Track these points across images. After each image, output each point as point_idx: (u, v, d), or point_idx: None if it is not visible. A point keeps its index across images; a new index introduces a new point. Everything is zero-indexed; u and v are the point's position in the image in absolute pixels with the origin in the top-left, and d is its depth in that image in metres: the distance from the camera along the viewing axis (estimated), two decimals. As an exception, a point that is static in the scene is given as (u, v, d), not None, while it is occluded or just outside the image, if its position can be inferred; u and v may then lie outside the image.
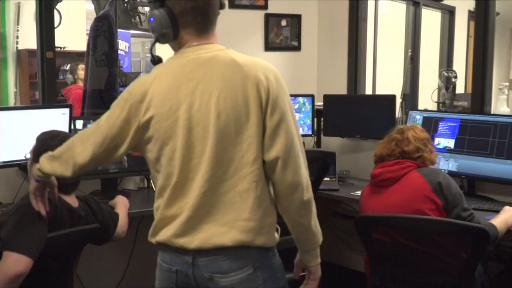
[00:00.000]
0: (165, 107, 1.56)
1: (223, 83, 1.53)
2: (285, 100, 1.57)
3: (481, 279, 2.49)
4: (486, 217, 2.57)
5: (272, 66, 1.62)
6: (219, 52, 1.60)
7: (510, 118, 3.12)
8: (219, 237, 1.54)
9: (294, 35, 4.24)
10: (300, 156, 1.57)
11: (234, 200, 1.55)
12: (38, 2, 3.32)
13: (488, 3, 3.33)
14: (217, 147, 1.53)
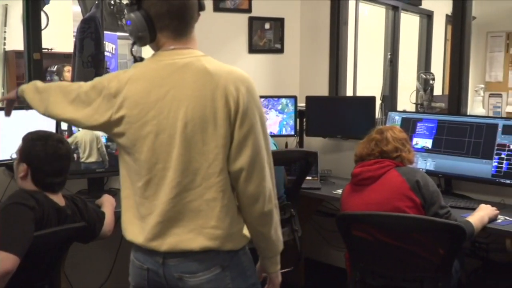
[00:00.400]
0: (135, 110, 1.56)
1: (192, 92, 1.52)
2: (256, 112, 1.55)
3: (458, 274, 2.50)
4: (462, 215, 2.58)
5: (247, 77, 1.58)
6: (193, 59, 1.57)
7: (486, 119, 3.15)
8: (187, 243, 1.55)
9: (277, 38, 4.24)
10: (265, 168, 1.56)
11: (201, 208, 1.54)
12: (25, 4, 3.28)
13: (465, 7, 3.35)
14: (184, 156, 1.52)
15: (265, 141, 1.57)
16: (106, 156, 3.10)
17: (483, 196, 3.07)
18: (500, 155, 2.95)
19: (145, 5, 1.55)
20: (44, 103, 1.77)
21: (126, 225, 1.66)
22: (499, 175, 2.94)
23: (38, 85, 1.83)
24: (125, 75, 1.61)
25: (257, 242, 1.66)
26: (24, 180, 2.19)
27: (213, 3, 3.92)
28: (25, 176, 2.18)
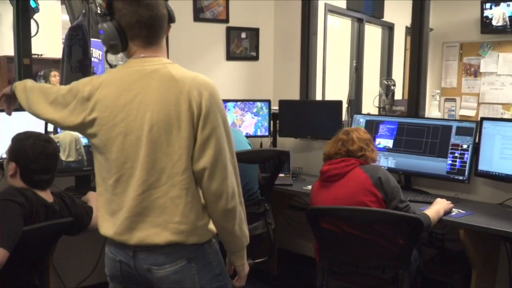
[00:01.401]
0: (106, 113, 1.56)
1: (157, 97, 1.51)
2: (218, 115, 1.53)
3: (416, 262, 2.53)
4: (420, 208, 2.61)
5: (210, 83, 1.56)
6: (160, 66, 1.56)
7: (441, 121, 3.19)
8: (153, 237, 1.54)
9: (253, 46, 4.24)
10: (227, 168, 1.55)
11: (167, 205, 1.53)
12: (15, 12, 3.23)
13: (423, 20, 3.39)
14: (149, 156, 1.52)
15: (227, 142, 1.56)
16: (85, 156, 3.08)
17: (438, 191, 3.10)
18: (454, 154, 2.98)
19: (116, 16, 1.55)
20: (29, 101, 1.78)
21: (100, 220, 1.66)
22: (453, 172, 2.98)
23: (27, 84, 1.82)
24: (98, 80, 1.60)
25: (222, 237, 1.65)
26: (14, 178, 2.16)
27: (193, 13, 3.91)
28: (14, 174, 2.15)
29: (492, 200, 2.96)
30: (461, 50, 6.26)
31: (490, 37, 5.97)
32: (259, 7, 4.25)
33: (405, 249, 2.27)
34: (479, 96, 6.13)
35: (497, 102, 5.97)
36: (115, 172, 1.57)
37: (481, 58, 6.09)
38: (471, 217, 2.61)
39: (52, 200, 2.20)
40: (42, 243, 2.20)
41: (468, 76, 6.23)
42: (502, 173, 2.78)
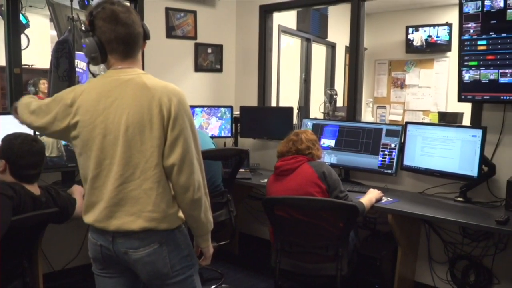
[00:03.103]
0: (87, 116, 1.54)
1: (132, 102, 1.49)
2: (185, 119, 1.52)
3: (353, 241, 2.56)
4: (357, 197, 2.64)
5: (179, 90, 1.55)
6: (135, 76, 1.54)
7: (373, 124, 3.24)
8: (129, 224, 1.52)
9: (218, 60, 4.21)
10: (194, 164, 1.53)
11: (140, 196, 1.52)
12: (6, 27, 3.10)
13: (359, 41, 3.43)
14: (125, 153, 1.50)
15: (194, 142, 1.54)
16: (64, 152, 3.03)
17: (371, 182, 3.16)
18: (384, 152, 3.04)
19: (97, 33, 1.52)
20: (19, 114, 1.75)
21: (84, 211, 1.62)
22: (383, 166, 3.03)
23: (22, 99, 1.77)
24: (81, 88, 1.58)
25: (190, 224, 1.63)
26: (3, 174, 2.07)
27: (166, 31, 3.85)
28: (3, 171, 2.07)
29: (414, 189, 3.04)
30: (390, 66, 6.41)
31: (413, 56, 6.14)
32: (223, 27, 4.23)
33: (344, 231, 2.30)
34: (405, 104, 6.29)
35: (419, 109, 6.15)
36: (94, 168, 1.54)
37: (406, 73, 6.26)
38: (397, 203, 2.66)
39: (39, 193, 2.12)
40: (30, 230, 2.12)
41: (395, 88, 6.38)
42: (422, 167, 2.86)
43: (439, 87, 6.02)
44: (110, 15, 1.51)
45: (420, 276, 3.05)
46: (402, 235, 2.71)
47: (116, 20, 1.51)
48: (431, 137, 2.82)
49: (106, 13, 1.51)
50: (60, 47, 3.24)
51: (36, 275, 2.56)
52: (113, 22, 1.51)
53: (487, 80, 2.61)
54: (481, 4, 2.58)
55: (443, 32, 5.83)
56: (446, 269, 2.94)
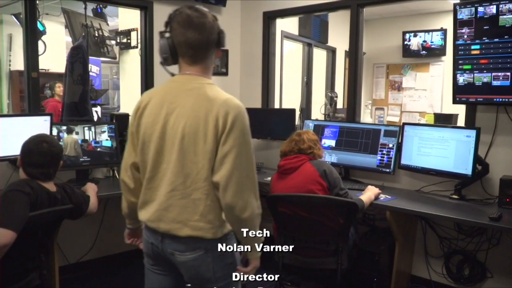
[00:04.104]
0: (150, 119, 1.51)
1: (191, 112, 1.45)
2: (239, 135, 1.42)
3: (353, 237, 2.56)
4: (356, 194, 2.63)
5: (239, 106, 1.45)
6: (199, 86, 1.49)
7: (372, 125, 3.24)
8: (176, 231, 1.49)
9: (223, 64, 4.20)
10: (242, 183, 1.43)
11: (188, 205, 1.47)
12: (25, 34, 3.12)
13: (358, 45, 3.42)
14: (179, 161, 1.46)
15: (247, 160, 1.44)
16: (81, 154, 3.05)
17: (370, 180, 3.14)
18: (382, 152, 3.03)
19: (172, 35, 1.50)
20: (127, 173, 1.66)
21: (139, 207, 1.59)
22: (382, 165, 3.02)
23: None
24: (152, 91, 1.57)
25: (237, 236, 1.55)
26: (19, 170, 2.11)
27: (175, 37, 3.85)
28: (18, 167, 2.11)
29: (411, 187, 3.02)
30: (388, 70, 6.40)
31: (409, 60, 6.13)
32: (229, 33, 4.16)
33: (344, 227, 2.30)
34: (402, 106, 6.27)
35: (415, 111, 6.13)
36: (150, 170, 1.51)
37: (403, 76, 6.24)
38: (395, 201, 2.65)
39: (55, 190, 2.13)
40: (47, 226, 2.13)
41: (393, 90, 6.37)
42: (419, 166, 2.85)
43: (434, 89, 6.00)
44: (185, 19, 1.47)
45: (416, 270, 3.04)
46: (400, 231, 2.71)
47: (189, 25, 1.47)
48: (427, 137, 2.80)
49: (182, 16, 1.47)
50: (75, 53, 3.27)
51: (52, 267, 2.57)
52: (186, 26, 1.47)
53: (480, 83, 2.60)
54: (474, 11, 2.57)
55: (437, 38, 5.81)
56: (442, 263, 2.93)
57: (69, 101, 3.24)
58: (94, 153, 3.09)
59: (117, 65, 7.03)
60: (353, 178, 3.22)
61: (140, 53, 3.80)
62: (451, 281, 2.91)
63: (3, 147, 2.69)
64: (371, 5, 3.44)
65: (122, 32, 4.79)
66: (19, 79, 6.43)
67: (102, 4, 4.12)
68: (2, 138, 2.69)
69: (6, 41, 6.71)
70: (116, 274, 3.35)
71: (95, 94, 3.93)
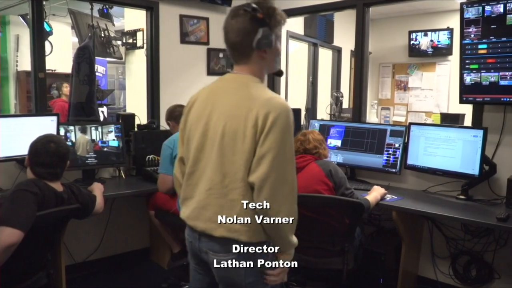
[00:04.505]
0: (195, 115, 1.53)
1: (232, 111, 1.42)
2: (278, 136, 1.36)
3: (359, 237, 2.55)
4: (362, 194, 2.62)
5: (282, 106, 1.39)
6: (243, 85, 1.47)
7: (378, 125, 3.24)
8: (211, 230, 1.46)
9: (229, 64, 4.20)
10: (277, 186, 1.38)
11: (225, 205, 1.44)
12: (31, 34, 3.14)
13: (364, 45, 3.40)
14: (218, 160, 1.44)
15: (285, 163, 1.39)
16: (92, 153, 3.08)
17: (376, 180, 3.12)
18: (388, 152, 3.02)
19: None
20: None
21: (180, 203, 1.59)
22: (388, 165, 3.01)
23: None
24: (205, 86, 1.58)
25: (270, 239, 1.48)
26: (27, 169, 2.12)
27: (180, 37, 3.86)
28: (26, 166, 2.13)
29: (417, 187, 3.01)
30: (394, 70, 6.38)
31: (416, 60, 6.10)
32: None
33: (350, 227, 2.30)
34: (408, 106, 6.25)
35: (421, 111, 6.11)
36: (190, 166, 1.52)
37: (409, 76, 6.22)
38: (401, 201, 2.64)
39: (62, 189, 2.14)
40: (53, 225, 2.14)
41: (399, 90, 6.35)
42: (425, 166, 2.84)
43: (440, 89, 5.97)
44: (226, 21, 1.48)
45: (423, 271, 3.03)
46: (406, 231, 2.70)
47: (231, 26, 1.46)
48: (433, 137, 2.79)
49: (227, 18, 1.48)
50: (81, 53, 3.28)
51: (59, 266, 2.59)
52: (229, 28, 1.46)
53: (487, 82, 2.58)
54: (481, 10, 2.56)
55: (444, 37, 5.78)
56: (448, 264, 2.92)
57: (75, 101, 3.26)
58: (101, 153, 3.11)
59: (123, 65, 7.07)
60: (359, 178, 3.21)
61: (146, 53, 3.82)
62: (458, 282, 2.89)
63: (10, 147, 2.71)
64: (377, 4, 3.42)
65: (128, 32, 4.81)
66: (26, 80, 6.49)
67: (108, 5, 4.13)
68: (9, 138, 2.71)
69: (13, 41, 6.76)
70: (122, 274, 3.36)
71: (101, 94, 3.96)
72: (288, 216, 1.41)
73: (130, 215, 3.52)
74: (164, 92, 3.77)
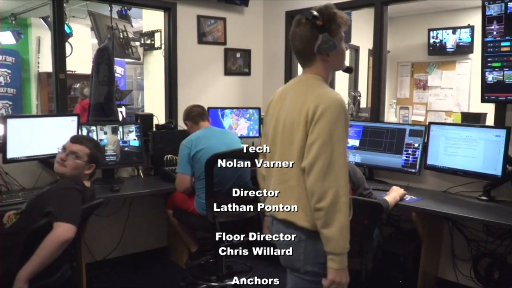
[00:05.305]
0: (270, 112, 1.69)
1: (292, 106, 1.56)
2: (325, 125, 1.45)
3: (378, 238, 2.52)
4: (381, 195, 2.60)
5: (333, 99, 1.48)
6: (304, 84, 1.59)
7: (397, 125, 3.20)
8: (276, 213, 1.61)
9: (246, 64, 4.22)
10: (322, 171, 1.43)
11: (286, 191, 1.57)
12: (53, 36, 3.20)
13: (382, 44, 3.39)
14: (281, 151, 1.58)
15: (331, 151, 1.45)
16: (119, 154, 3.15)
17: (395, 181, 3.10)
18: (407, 151, 2.99)
19: None
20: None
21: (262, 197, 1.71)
22: (407, 165, 2.98)
23: None
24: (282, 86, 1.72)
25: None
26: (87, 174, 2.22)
27: (198, 37, 3.89)
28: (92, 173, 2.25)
29: (437, 188, 2.97)
30: (412, 68, 6.29)
31: (435, 58, 6.01)
32: (251, 33, 4.24)
33: (369, 228, 2.27)
34: (427, 105, 6.16)
35: (441, 110, 6.01)
36: (268, 158, 1.66)
37: (428, 75, 6.12)
38: (421, 202, 2.61)
39: (90, 186, 2.24)
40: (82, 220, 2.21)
41: (418, 89, 6.26)
42: (446, 166, 2.79)
43: (461, 88, 5.86)
44: (291, 30, 1.60)
45: (443, 273, 2.98)
46: (426, 232, 2.66)
47: (294, 35, 1.59)
48: (454, 137, 2.74)
49: (292, 27, 1.60)
50: (101, 54, 3.32)
51: (80, 264, 2.64)
52: (293, 36, 1.59)
53: (511, 80, 2.53)
54: (504, 6, 2.50)
55: (466, 35, 5.67)
56: (470, 266, 2.86)
57: (95, 101, 3.31)
58: (121, 152, 3.16)
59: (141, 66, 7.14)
60: (377, 179, 3.18)
61: (163, 54, 3.85)
62: (479, 284, 2.83)
63: (32, 146, 2.77)
64: (395, 2, 3.39)
65: (146, 33, 4.86)
66: (47, 81, 6.61)
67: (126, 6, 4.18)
68: (31, 138, 2.77)
69: (35, 43, 6.90)
70: (141, 272, 3.40)
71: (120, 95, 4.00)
72: (331, 203, 1.44)
73: (149, 215, 3.56)
74: (181, 92, 3.80)
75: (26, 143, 2.73)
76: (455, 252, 2.91)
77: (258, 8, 4.24)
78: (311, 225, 1.52)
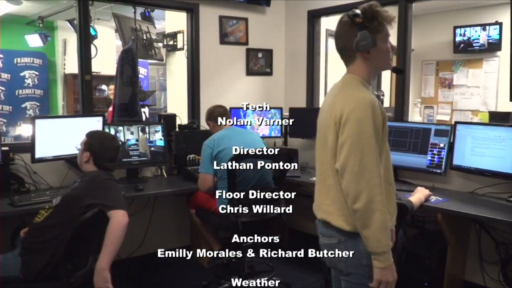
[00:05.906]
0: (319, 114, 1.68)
1: (327, 108, 1.57)
2: (353, 126, 1.44)
3: (402, 239, 2.50)
4: (405, 195, 2.57)
5: (360, 99, 1.48)
6: (339, 84, 1.61)
7: (422, 124, 3.14)
8: (316, 213, 1.65)
9: (268, 64, 4.22)
10: (355, 172, 1.43)
11: (323, 190, 1.59)
12: (79, 38, 3.27)
13: (406, 42, 3.35)
14: (319, 151, 1.62)
15: (361, 150, 1.44)
16: (148, 150, 3.23)
17: (419, 181, 3.05)
18: (432, 152, 2.94)
19: None
20: None
21: None
22: (432, 166, 2.93)
23: None
24: None
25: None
26: (87, 163, 2.26)
27: (220, 38, 3.91)
28: (87, 161, 2.26)
29: (464, 189, 2.91)
30: (437, 67, 6.16)
31: (461, 56, 5.87)
32: (273, 33, 4.24)
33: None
34: (452, 104, 6.02)
35: (467, 109, 5.87)
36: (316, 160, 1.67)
37: (454, 73, 5.99)
38: (447, 203, 2.57)
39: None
40: None
41: (443, 88, 6.13)
42: (473, 167, 2.73)
43: (488, 86, 5.70)
44: (335, 29, 1.61)
45: (470, 276, 2.91)
46: (452, 234, 2.60)
47: (336, 34, 1.60)
48: (481, 136, 2.68)
49: (336, 26, 1.62)
50: (125, 56, 3.38)
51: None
52: (335, 35, 1.61)
53: (542, 78, 2.45)
54: (535, 2, 2.43)
55: (494, 32, 5.52)
56: (498, 269, 2.78)
57: (119, 102, 3.37)
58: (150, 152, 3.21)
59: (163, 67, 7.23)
60: (402, 179, 3.14)
61: (186, 55, 3.89)
62: (508, 288, 2.75)
63: (59, 146, 2.84)
64: (420, 0, 3.33)
65: (168, 34, 4.91)
66: (73, 82, 6.76)
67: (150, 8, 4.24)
68: (57, 138, 2.84)
69: (61, 45, 7.06)
70: (164, 271, 3.44)
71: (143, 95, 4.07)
72: (367, 204, 1.42)
73: (172, 214, 3.60)
74: (204, 92, 3.83)
75: (53, 143, 2.81)
76: (482, 255, 2.84)
77: (280, 7, 4.23)
78: (348, 226, 1.51)
